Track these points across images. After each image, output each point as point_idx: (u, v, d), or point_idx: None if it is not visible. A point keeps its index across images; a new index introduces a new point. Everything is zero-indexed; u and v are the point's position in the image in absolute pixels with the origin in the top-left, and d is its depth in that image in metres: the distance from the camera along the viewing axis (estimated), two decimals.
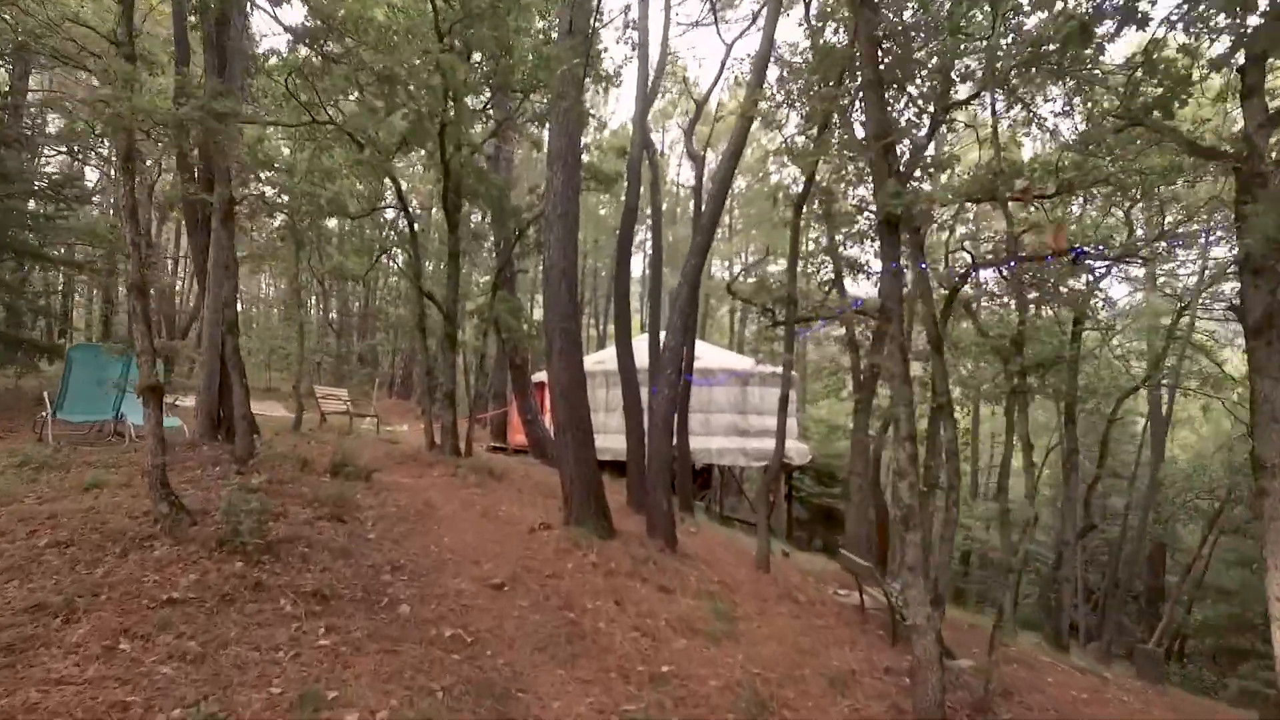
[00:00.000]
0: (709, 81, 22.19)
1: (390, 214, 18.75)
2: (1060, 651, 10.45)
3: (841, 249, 10.43)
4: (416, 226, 15.42)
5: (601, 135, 14.21)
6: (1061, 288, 10.69)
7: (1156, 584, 19.45)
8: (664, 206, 18.22)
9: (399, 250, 15.84)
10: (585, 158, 9.47)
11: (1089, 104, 7.56)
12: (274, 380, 22.45)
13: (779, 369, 18.04)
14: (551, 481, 9.65)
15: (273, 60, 10.04)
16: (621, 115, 38.81)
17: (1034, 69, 6.64)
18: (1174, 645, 17.72)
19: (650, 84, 10.93)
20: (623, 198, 10.11)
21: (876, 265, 10.61)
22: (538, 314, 26.82)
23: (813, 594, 7.85)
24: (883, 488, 15.55)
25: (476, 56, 10.22)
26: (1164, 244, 8.86)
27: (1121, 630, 17.79)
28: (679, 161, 31.60)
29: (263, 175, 10.96)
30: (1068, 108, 7.73)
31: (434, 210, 22.74)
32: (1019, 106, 8.16)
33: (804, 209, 8.17)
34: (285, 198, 11.76)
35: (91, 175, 18.45)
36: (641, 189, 10.78)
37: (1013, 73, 6.68)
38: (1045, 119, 8.19)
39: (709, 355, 16.33)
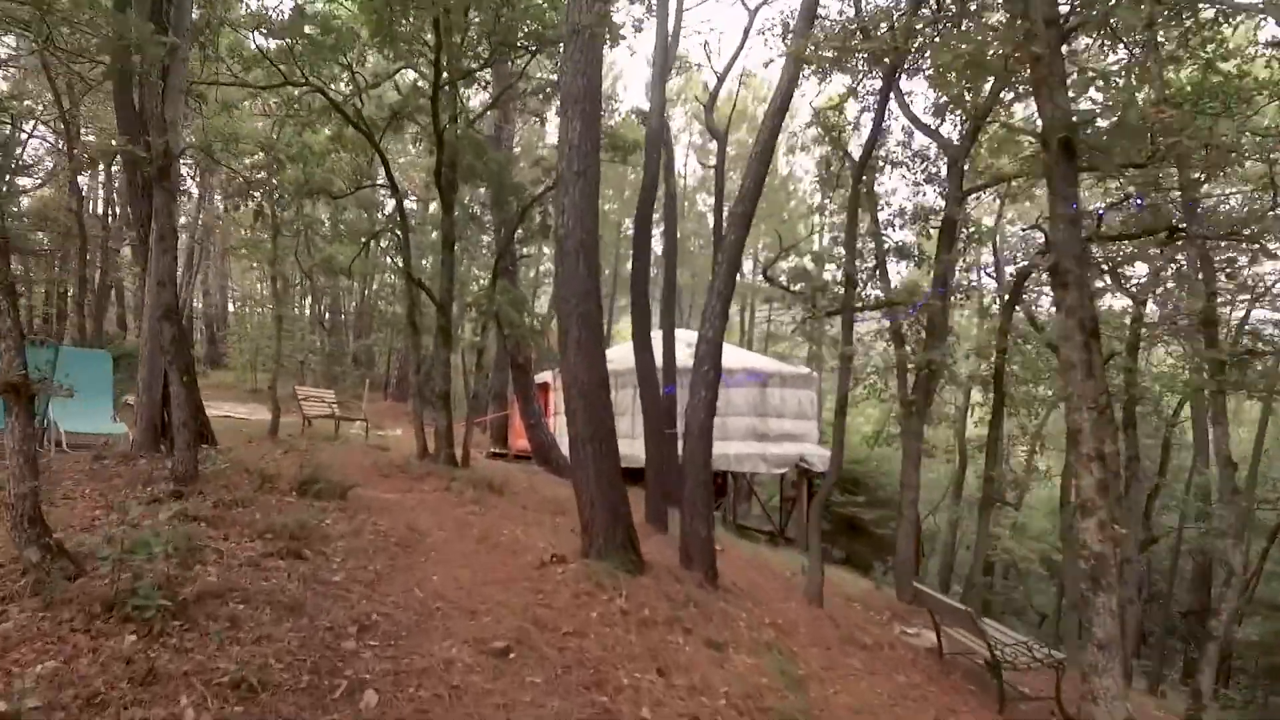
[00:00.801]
0: (722, 63, 20.88)
1: (382, 206, 17.47)
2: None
3: (890, 230, 9.16)
4: (411, 220, 14.13)
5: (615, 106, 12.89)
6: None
7: (1203, 599, 18.17)
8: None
9: (390, 237, 14.57)
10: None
11: (1210, 44, 6.32)
12: (261, 381, 21.20)
13: (801, 369, 16.90)
14: (559, 494, 8.41)
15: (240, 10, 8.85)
16: (627, 104, 37.57)
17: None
18: (1221, 664, 16.44)
19: (669, 45, 9.68)
20: (627, 194, 8.91)
21: (928, 248, 9.35)
22: (540, 308, 25.52)
23: (878, 634, 6.57)
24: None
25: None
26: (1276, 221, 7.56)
27: (1169, 649, 16.54)
28: (686, 153, 30.40)
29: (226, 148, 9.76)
30: (1183, 50, 6.48)
31: (431, 206, 21.45)
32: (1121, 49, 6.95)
33: (864, 174, 6.92)
34: (261, 174, 10.55)
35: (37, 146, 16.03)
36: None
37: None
38: (1150, 67, 6.96)
39: (726, 354, 15.09)
